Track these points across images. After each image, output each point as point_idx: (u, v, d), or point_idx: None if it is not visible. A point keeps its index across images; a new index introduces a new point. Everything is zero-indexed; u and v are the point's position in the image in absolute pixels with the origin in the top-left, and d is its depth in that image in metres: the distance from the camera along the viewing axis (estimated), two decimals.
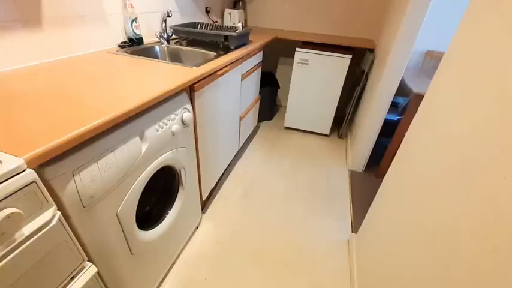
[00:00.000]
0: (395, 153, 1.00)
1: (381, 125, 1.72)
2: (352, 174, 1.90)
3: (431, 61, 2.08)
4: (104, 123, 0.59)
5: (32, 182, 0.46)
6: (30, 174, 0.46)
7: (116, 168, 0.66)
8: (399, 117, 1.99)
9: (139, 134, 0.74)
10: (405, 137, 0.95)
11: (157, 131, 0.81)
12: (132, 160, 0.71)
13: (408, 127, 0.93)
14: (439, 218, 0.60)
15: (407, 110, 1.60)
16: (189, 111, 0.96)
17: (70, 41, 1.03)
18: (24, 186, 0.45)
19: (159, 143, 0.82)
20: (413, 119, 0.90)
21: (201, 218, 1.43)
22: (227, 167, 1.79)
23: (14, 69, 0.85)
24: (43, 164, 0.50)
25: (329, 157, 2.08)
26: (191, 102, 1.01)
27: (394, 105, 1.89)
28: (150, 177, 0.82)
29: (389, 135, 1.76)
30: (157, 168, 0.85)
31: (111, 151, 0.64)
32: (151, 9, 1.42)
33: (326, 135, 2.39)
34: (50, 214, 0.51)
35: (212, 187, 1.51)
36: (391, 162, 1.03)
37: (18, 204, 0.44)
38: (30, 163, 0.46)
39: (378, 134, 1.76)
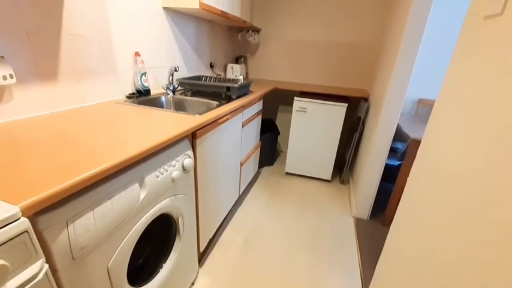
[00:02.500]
0: (400, 199, 0.98)
1: (382, 170, 1.72)
2: (358, 222, 1.81)
3: (424, 108, 2.19)
4: (103, 170, 0.59)
5: (24, 232, 0.44)
6: (24, 223, 0.44)
7: (112, 216, 0.63)
8: (400, 162, 2.00)
9: (139, 181, 0.74)
10: (407, 182, 0.94)
11: (157, 177, 0.80)
12: (129, 208, 0.69)
13: (409, 172, 0.93)
14: (450, 266, 0.55)
15: (407, 155, 1.62)
16: (190, 157, 0.98)
17: (81, 92, 1.10)
18: (15, 236, 0.43)
19: (158, 189, 0.81)
20: (413, 164, 0.91)
21: (198, 273, 1.31)
22: (227, 214, 1.73)
23: (24, 118, 0.89)
24: (38, 212, 0.49)
25: (332, 204, 2.02)
26: (192, 149, 1.03)
27: (393, 151, 1.92)
28: (145, 227, 0.78)
29: (392, 181, 1.75)
30: (154, 217, 0.82)
31: (109, 198, 0.63)
32: (160, 65, 1.57)
33: (328, 180, 2.37)
34: (38, 267, 0.47)
35: (210, 237, 1.42)
36: (396, 208, 1.00)
37: (6, 255, 0.42)
38: (25, 211, 0.45)
39: (380, 179, 1.74)
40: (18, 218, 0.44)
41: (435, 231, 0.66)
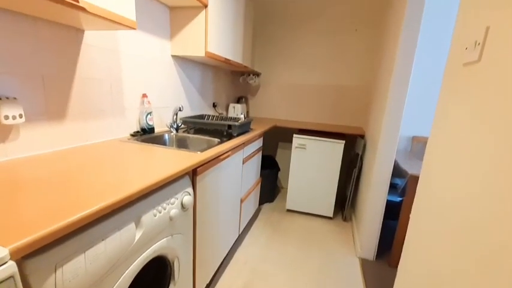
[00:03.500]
0: (404, 237, 0.94)
1: (384, 207, 1.68)
2: (364, 264, 1.70)
3: (418, 145, 2.23)
4: (97, 211, 0.58)
5: (9, 277, 0.42)
6: (11, 268, 0.42)
7: (104, 259, 0.60)
8: (401, 199, 1.96)
9: (135, 220, 0.72)
10: (410, 220, 0.91)
11: (155, 216, 0.79)
12: (123, 249, 0.66)
13: (411, 208, 0.91)
14: None
15: (407, 191, 1.60)
16: (190, 195, 0.97)
17: (87, 131, 1.14)
18: (0, 282, 0.40)
19: (155, 229, 0.78)
20: (414, 202, 0.89)
21: None
22: (225, 255, 1.63)
23: (27, 156, 0.90)
24: (27, 255, 0.47)
25: (336, 243, 1.92)
26: (193, 186, 1.03)
27: (393, 187, 1.90)
28: (138, 271, 0.74)
29: (395, 218, 1.69)
30: (149, 259, 0.78)
31: (103, 239, 0.61)
32: (165, 105, 1.65)
33: (330, 217, 2.29)
34: None
35: (208, 281, 1.32)
36: (402, 248, 0.95)
37: None
38: (13, 254, 0.43)
39: (382, 216, 1.69)
40: (6, 262, 0.42)
41: (444, 272, 0.62)
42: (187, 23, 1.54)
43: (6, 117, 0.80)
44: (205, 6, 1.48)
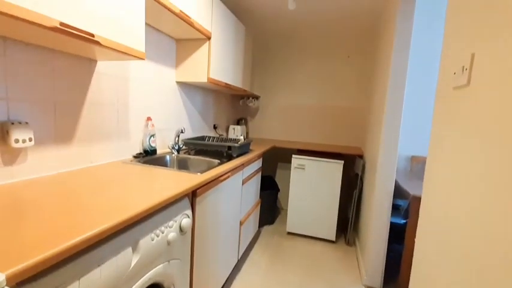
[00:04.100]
0: (411, 262, 0.91)
1: (388, 230, 1.64)
2: None
3: (418, 165, 2.23)
4: (94, 235, 0.57)
5: None
6: None
7: (99, 287, 0.59)
8: (405, 221, 1.92)
9: (133, 244, 0.70)
10: (415, 244, 0.89)
11: (153, 240, 0.77)
12: (118, 276, 0.64)
13: (415, 231, 0.89)
14: None
15: (410, 212, 1.57)
16: (189, 217, 0.96)
17: (92, 153, 1.16)
18: None
19: (152, 254, 0.76)
20: (418, 225, 0.88)
21: None
22: (224, 284, 1.56)
23: (33, 178, 0.91)
24: (22, 281, 0.46)
25: (340, 269, 1.84)
26: (192, 208, 1.02)
27: (395, 208, 1.87)
28: None
29: (400, 241, 1.64)
30: (144, 287, 0.75)
31: (98, 265, 0.59)
32: (168, 127, 1.68)
33: (332, 241, 2.22)
34: None
35: None
36: (409, 273, 0.92)
37: None
38: (9, 280, 0.43)
39: (387, 240, 1.64)
40: (2, 287, 0.41)
41: None
42: (192, 53, 1.64)
43: (17, 141, 0.82)
44: (209, 38, 1.59)
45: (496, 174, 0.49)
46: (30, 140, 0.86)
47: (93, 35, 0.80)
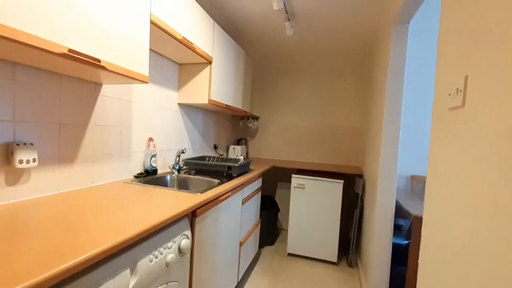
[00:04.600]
0: (416, 285, 0.89)
1: (390, 251, 1.61)
2: None
3: (418, 184, 2.24)
4: (90, 258, 0.56)
5: None
6: None
7: None
8: (407, 242, 1.88)
9: (131, 266, 0.69)
10: (419, 267, 0.88)
11: (151, 261, 0.76)
12: None
13: (418, 252, 0.89)
14: None
15: (412, 233, 1.55)
16: (188, 238, 0.95)
17: (93, 173, 1.18)
18: None
19: (150, 276, 0.75)
20: (421, 245, 0.87)
21: None
22: None
23: (34, 198, 0.92)
24: None
25: None
26: (191, 228, 1.02)
27: (397, 228, 1.84)
28: None
29: (403, 263, 1.60)
30: None
31: None
32: (169, 147, 1.72)
33: (334, 263, 2.16)
34: None
35: None
36: None
37: None
38: None
39: (390, 262, 1.61)
40: None
41: None
42: (194, 76, 1.72)
43: (21, 162, 0.85)
44: (210, 62, 1.68)
45: (495, 193, 0.50)
46: (34, 160, 0.89)
47: (99, 61, 0.85)
